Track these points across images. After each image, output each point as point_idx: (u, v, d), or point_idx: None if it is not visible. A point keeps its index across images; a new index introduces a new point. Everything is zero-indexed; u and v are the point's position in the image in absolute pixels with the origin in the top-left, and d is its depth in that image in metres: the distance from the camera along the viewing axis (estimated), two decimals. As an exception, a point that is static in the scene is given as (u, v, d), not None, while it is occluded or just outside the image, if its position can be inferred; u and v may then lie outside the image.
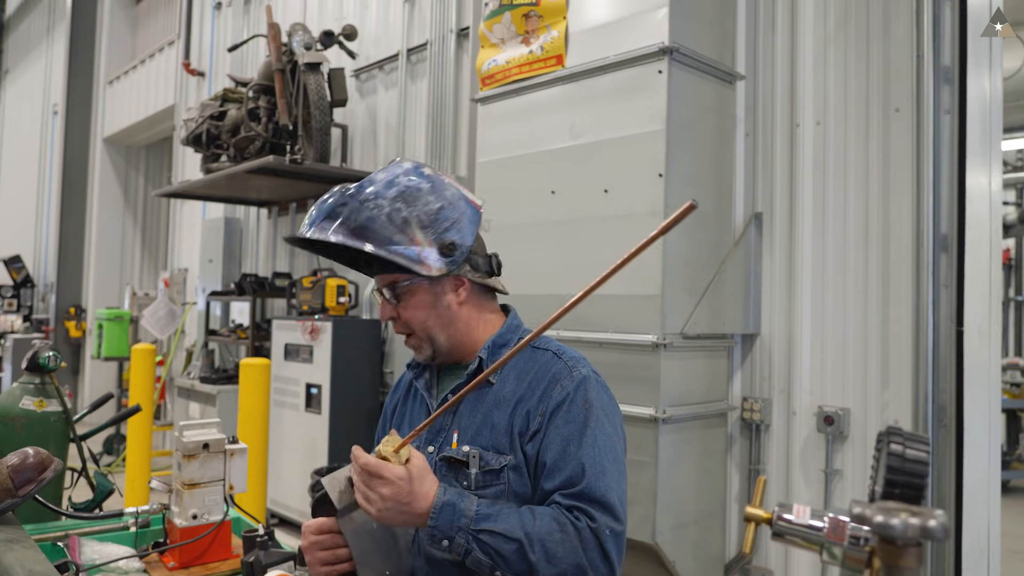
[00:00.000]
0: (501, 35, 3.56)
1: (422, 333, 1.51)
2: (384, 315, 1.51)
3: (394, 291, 1.49)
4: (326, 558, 1.38)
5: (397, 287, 1.48)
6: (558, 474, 1.36)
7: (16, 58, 13.50)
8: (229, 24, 7.24)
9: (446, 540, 1.27)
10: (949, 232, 2.85)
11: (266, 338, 5.65)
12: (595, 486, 1.34)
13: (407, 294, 1.48)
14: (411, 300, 1.49)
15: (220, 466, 1.78)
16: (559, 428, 1.39)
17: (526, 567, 1.27)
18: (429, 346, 1.52)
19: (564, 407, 1.41)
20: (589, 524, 1.30)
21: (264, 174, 5.12)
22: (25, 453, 1.49)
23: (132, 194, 10.44)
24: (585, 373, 1.46)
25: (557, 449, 1.38)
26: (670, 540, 2.95)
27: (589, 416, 1.40)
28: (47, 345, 2.09)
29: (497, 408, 1.46)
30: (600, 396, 1.45)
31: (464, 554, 1.28)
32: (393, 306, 1.50)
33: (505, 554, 1.28)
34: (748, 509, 0.79)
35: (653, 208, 2.94)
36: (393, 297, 1.49)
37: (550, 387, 1.44)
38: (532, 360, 1.51)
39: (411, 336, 1.53)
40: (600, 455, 1.37)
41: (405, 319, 1.50)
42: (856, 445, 3.04)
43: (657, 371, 2.90)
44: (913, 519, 0.57)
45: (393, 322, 1.52)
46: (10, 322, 10.77)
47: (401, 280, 1.48)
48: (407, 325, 1.51)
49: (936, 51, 2.86)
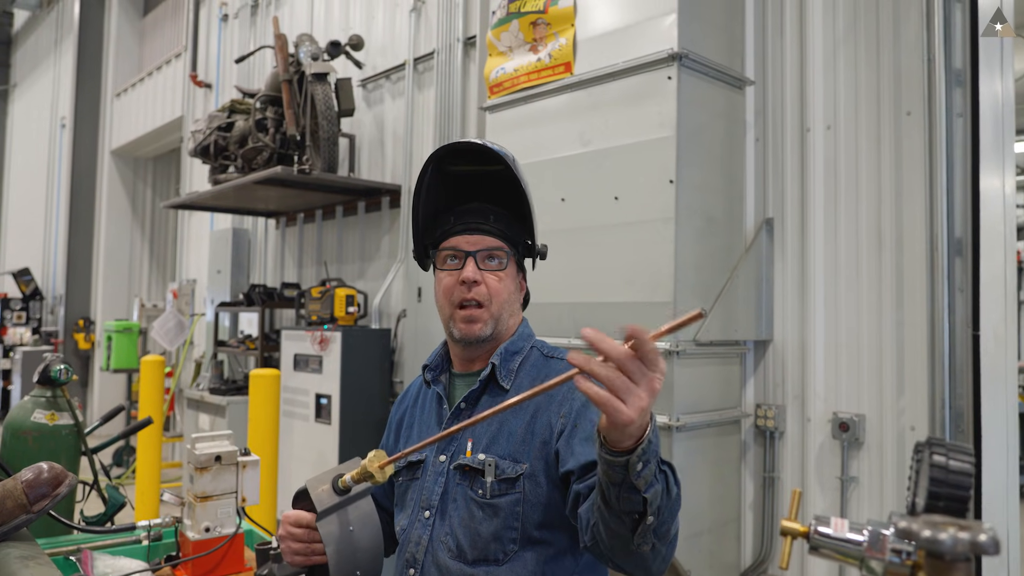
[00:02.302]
0: (509, 43, 3.55)
1: (496, 308, 1.51)
2: (470, 275, 1.47)
3: (493, 255, 1.50)
4: (299, 550, 1.37)
5: (501, 252, 1.51)
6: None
7: (24, 72, 13.59)
8: (236, 36, 7.26)
9: (643, 464, 1.05)
10: (963, 236, 2.82)
11: (275, 349, 5.64)
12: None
13: (502, 265, 1.51)
14: (502, 272, 1.51)
15: (232, 478, 1.77)
16: (592, 419, 1.36)
17: (671, 516, 1.15)
18: (492, 324, 1.51)
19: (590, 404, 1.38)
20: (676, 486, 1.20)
21: (272, 185, 5.13)
22: (39, 468, 1.47)
23: (140, 206, 10.48)
24: None
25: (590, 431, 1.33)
26: (685, 549, 2.92)
27: None
28: (58, 358, 2.08)
29: (514, 416, 1.45)
30: None
31: (648, 486, 1.08)
32: (481, 271, 1.49)
33: (673, 496, 1.15)
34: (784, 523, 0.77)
35: (664, 215, 2.92)
36: (487, 263, 1.50)
37: (570, 392, 1.43)
38: (546, 369, 1.50)
39: (481, 308, 1.49)
40: None
41: (492, 289, 1.50)
42: (872, 452, 3.01)
43: (670, 378, 2.88)
44: (963, 533, 0.55)
45: (472, 286, 1.48)
46: (19, 335, 10.81)
47: (508, 249, 1.52)
48: (489, 295, 1.50)
49: (947, 54, 2.84)
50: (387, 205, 5.47)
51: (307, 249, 6.34)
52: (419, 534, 1.47)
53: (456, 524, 1.42)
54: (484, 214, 1.51)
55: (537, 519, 1.38)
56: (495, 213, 1.52)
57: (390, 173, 5.42)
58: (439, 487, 1.47)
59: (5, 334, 11.01)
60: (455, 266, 1.50)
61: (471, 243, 1.49)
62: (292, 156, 5.15)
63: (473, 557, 1.39)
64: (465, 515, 1.41)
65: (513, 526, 1.38)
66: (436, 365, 1.62)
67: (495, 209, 1.53)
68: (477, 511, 1.40)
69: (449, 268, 1.51)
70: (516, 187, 1.49)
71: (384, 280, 5.16)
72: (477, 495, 1.41)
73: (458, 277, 1.49)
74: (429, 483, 1.50)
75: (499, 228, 1.51)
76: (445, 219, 1.54)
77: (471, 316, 1.49)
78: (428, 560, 1.44)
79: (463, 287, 1.48)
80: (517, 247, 1.55)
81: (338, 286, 5.08)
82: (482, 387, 1.51)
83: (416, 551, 1.46)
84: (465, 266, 1.48)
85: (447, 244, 1.52)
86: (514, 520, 1.38)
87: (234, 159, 5.73)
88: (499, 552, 1.37)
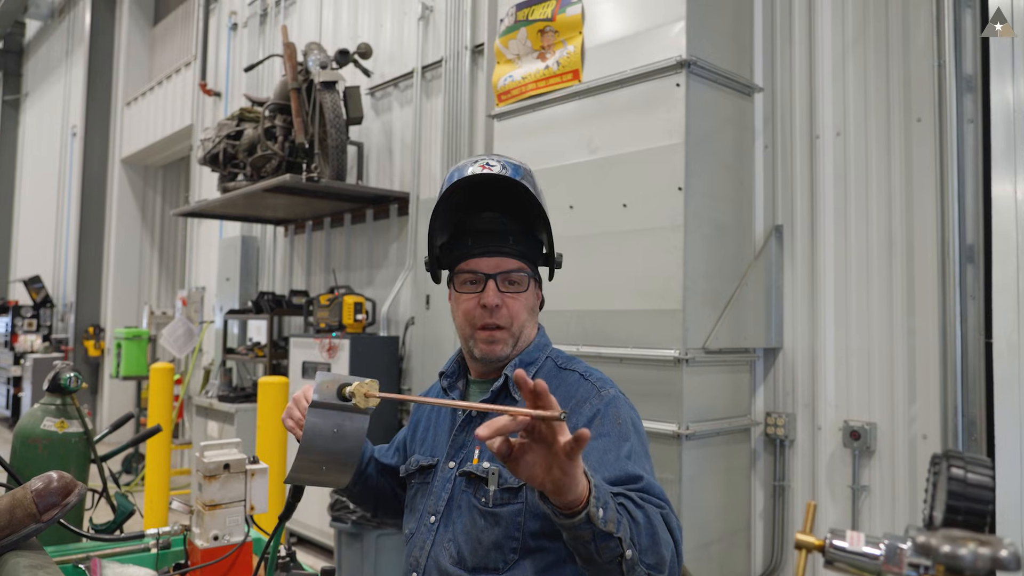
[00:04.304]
0: (517, 51, 3.56)
1: (517, 329, 1.49)
2: (492, 300, 1.45)
3: (513, 279, 1.47)
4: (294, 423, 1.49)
5: (519, 275, 1.48)
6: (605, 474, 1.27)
7: (36, 81, 13.70)
8: (245, 45, 7.30)
9: (603, 508, 1.07)
10: (975, 242, 2.80)
11: (284, 356, 5.65)
12: (652, 483, 1.27)
13: (522, 286, 1.48)
14: (522, 294, 1.49)
15: (241, 487, 1.76)
16: (593, 441, 1.33)
17: (651, 540, 1.15)
18: (512, 343, 1.49)
19: (596, 421, 1.37)
20: (660, 511, 1.21)
21: (281, 192, 5.15)
22: (49, 477, 1.47)
23: (150, 214, 10.53)
24: (614, 393, 1.44)
25: (595, 457, 1.31)
26: (695, 559, 2.90)
27: (624, 431, 1.36)
28: (68, 366, 2.08)
29: None
30: (632, 416, 1.42)
31: (618, 524, 1.09)
32: (502, 294, 1.47)
33: (640, 522, 1.15)
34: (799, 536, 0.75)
35: (673, 222, 2.91)
36: (508, 285, 1.47)
37: (578, 406, 1.41)
38: (559, 381, 1.49)
39: (502, 330, 1.47)
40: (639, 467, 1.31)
41: (513, 311, 1.47)
42: (883, 460, 2.99)
43: (679, 386, 2.86)
44: (983, 549, 0.54)
45: (495, 311, 1.46)
46: (30, 342, 10.86)
47: (527, 270, 1.49)
48: (510, 317, 1.47)
49: (958, 59, 2.83)
50: (395, 212, 5.47)
51: (315, 256, 6.35)
52: (423, 539, 1.47)
53: (459, 531, 1.42)
54: (503, 235, 1.48)
55: (537, 528, 1.37)
56: (514, 234, 1.49)
57: (398, 181, 5.43)
58: (446, 493, 1.47)
59: (16, 341, 11.06)
60: (475, 289, 1.48)
61: (490, 265, 1.46)
62: (301, 164, 5.16)
63: (473, 564, 1.38)
64: (468, 522, 1.41)
65: (514, 535, 1.37)
66: (452, 372, 1.62)
67: (514, 228, 1.49)
68: (479, 519, 1.39)
69: (469, 292, 1.49)
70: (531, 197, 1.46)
71: (392, 287, 5.16)
72: (480, 503, 1.40)
73: (478, 300, 1.46)
74: (437, 489, 1.50)
75: (518, 248, 1.48)
76: (462, 239, 1.51)
77: (492, 338, 1.47)
78: (430, 565, 1.44)
79: (484, 311, 1.46)
80: (535, 261, 1.52)
81: (346, 293, 5.08)
82: (493, 397, 1.50)
83: (420, 555, 1.46)
84: (486, 290, 1.46)
85: (466, 266, 1.49)
86: (515, 530, 1.37)
87: (243, 167, 5.75)
88: (499, 561, 1.36)
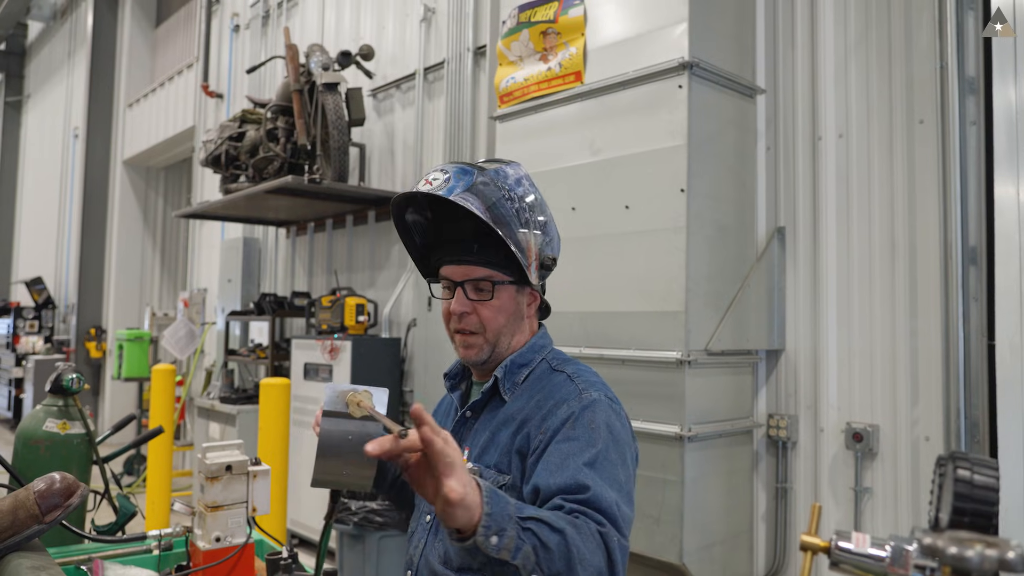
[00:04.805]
0: (519, 53, 3.56)
1: (492, 335, 1.49)
2: (457, 308, 1.47)
3: (480, 287, 1.47)
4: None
5: (487, 283, 1.47)
6: (557, 480, 1.26)
7: (38, 83, 13.73)
8: (247, 46, 7.31)
9: (496, 536, 1.06)
10: (978, 244, 2.80)
11: (285, 357, 5.65)
12: (601, 496, 1.23)
13: (494, 294, 1.47)
14: (496, 301, 1.48)
15: (243, 488, 1.76)
16: (559, 445, 1.32)
17: (565, 564, 1.12)
18: (489, 349, 1.50)
19: (567, 425, 1.35)
20: (598, 528, 1.19)
21: (283, 194, 5.15)
22: (52, 479, 1.47)
23: (151, 215, 10.54)
24: (595, 397, 1.41)
25: (556, 461, 1.30)
26: (697, 561, 2.89)
27: (594, 437, 1.32)
28: (70, 367, 2.08)
29: (504, 427, 1.45)
30: (610, 420, 1.38)
31: (515, 551, 1.07)
32: (471, 301, 1.47)
33: (552, 547, 1.11)
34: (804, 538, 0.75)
35: (675, 224, 2.91)
36: (476, 292, 1.47)
37: (555, 408, 1.40)
38: (546, 381, 1.49)
39: (475, 335, 1.49)
40: (602, 475, 1.28)
41: (484, 318, 1.48)
42: (886, 463, 2.98)
43: (682, 388, 2.86)
44: (990, 550, 0.54)
45: (463, 317, 1.48)
46: (32, 343, 10.88)
47: (496, 278, 1.47)
48: (481, 324, 1.48)
49: (960, 61, 2.82)
50: (397, 214, 5.46)
51: (317, 258, 6.35)
52: (419, 538, 1.50)
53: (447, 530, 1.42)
54: (468, 245, 1.48)
55: None
56: (480, 242, 1.47)
57: (400, 182, 5.44)
58: None
59: (18, 343, 11.08)
60: (448, 295, 1.52)
61: (458, 273, 1.48)
62: (303, 165, 5.17)
63: (458, 564, 1.38)
64: None
65: None
66: (455, 373, 1.65)
67: (482, 235, 1.46)
68: None
69: (443, 297, 1.53)
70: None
71: (394, 289, 5.16)
72: None
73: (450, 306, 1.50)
74: None
75: (485, 256, 1.47)
76: (437, 248, 1.55)
77: (467, 342, 1.50)
78: (422, 563, 1.46)
79: (455, 317, 1.49)
80: (511, 268, 1.48)
81: (348, 295, 5.08)
82: (485, 398, 1.52)
83: (414, 554, 1.50)
84: (455, 297, 1.49)
85: (441, 272, 1.53)
86: None
87: (245, 168, 5.76)
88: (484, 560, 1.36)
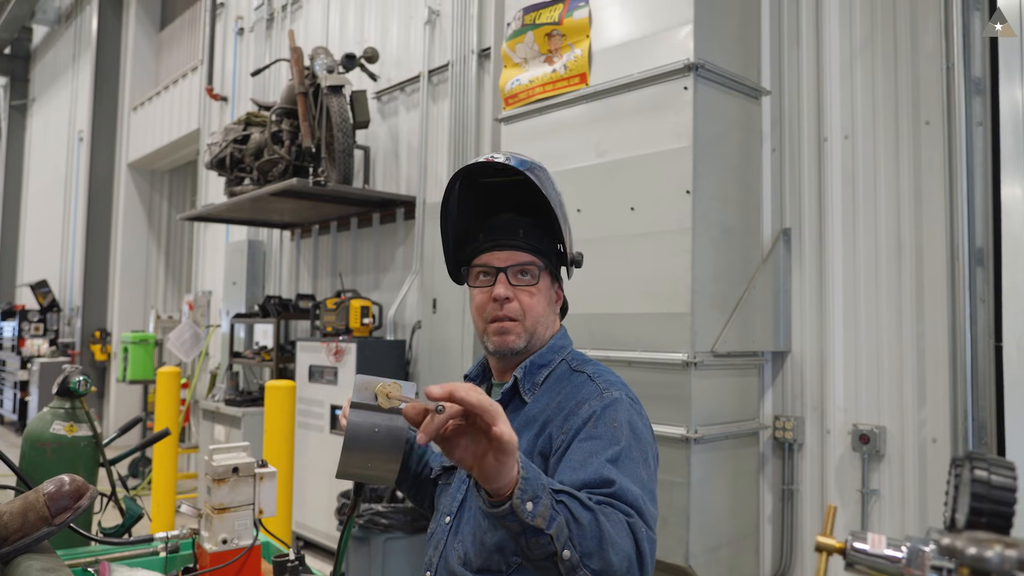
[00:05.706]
0: (524, 55, 3.56)
1: (530, 323, 1.49)
2: (502, 292, 1.46)
3: (525, 270, 1.48)
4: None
5: (533, 267, 1.49)
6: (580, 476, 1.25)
7: (43, 86, 13.77)
8: (251, 49, 7.33)
9: (532, 502, 1.05)
10: (985, 245, 2.79)
11: (290, 360, 5.65)
12: (627, 489, 1.23)
13: (534, 279, 1.49)
14: (536, 289, 1.49)
15: (250, 490, 1.76)
16: (581, 443, 1.32)
17: (597, 544, 1.11)
18: (527, 337, 1.50)
19: (589, 424, 1.34)
20: (627, 519, 1.19)
21: (287, 196, 5.16)
22: (61, 481, 1.47)
23: (156, 218, 10.57)
24: (617, 396, 1.40)
25: (578, 459, 1.29)
26: (703, 563, 2.89)
27: (617, 435, 1.32)
28: (77, 370, 2.08)
29: (526, 428, 1.44)
30: (632, 419, 1.37)
31: (550, 520, 1.07)
32: (513, 287, 1.48)
33: (584, 524, 1.10)
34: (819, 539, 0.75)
35: (680, 225, 2.90)
36: (519, 278, 1.48)
37: (576, 408, 1.40)
38: (568, 382, 1.48)
39: (514, 322, 1.48)
40: (625, 472, 1.27)
41: (526, 305, 1.48)
42: (893, 464, 2.97)
43: (688, 390, 2.86)
44: (1010, 551, 0.53)
45: (505, 303, 1.47)
46: (37, 346, 10.90)
47: (540, 263, 1.50)
48: (522, 310, 1.48)
49: (966, 62, 2.81)
50: (402, 216, 5.48)
51: (322, 260, 6.36)
52: (439, 539, 1.49)
53: (467, 532, 1.43)
54: (514, 229, 1.49)
55: None
56: (525, 227, 1.50)
57: (405, 185, 5.44)
58: (460, 494, 1.49)
59: (23, 346, 11.10)
60: (487, 283, 1.49)
61: (502, 259, 1.48)
62: (307, 168, 5.17)
63: (477, 566, 1.38)
64: (475, 523, 1.41)
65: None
66: (476, 375, 1.64)
67: (525, 222, 1.51)
68: (483, 520, 1.39)
69: (481, 285, 1.50)
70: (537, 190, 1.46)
71: (399, 291, 5.16)
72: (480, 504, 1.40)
73: (490, 294, 1.48)
74: (453, 490, 1.52)
75: (529, 242, 1.49)
76: (475, 235, 1.53)
77: (503, 328, 1.48)
78: (441, 564, 1.45)
79: (495, 304, 1.47)
80: (550, 258, 1.52)
81: (353, 297, 5.09)
82: (506, 399, 1.51)
83: (433, 555, 1.48)
84: (497, 283, 1.47)
85: (478, 261, 1.51)
86: None
87: (250, 171, 5.76)
88: (502, 563, 1.36)
